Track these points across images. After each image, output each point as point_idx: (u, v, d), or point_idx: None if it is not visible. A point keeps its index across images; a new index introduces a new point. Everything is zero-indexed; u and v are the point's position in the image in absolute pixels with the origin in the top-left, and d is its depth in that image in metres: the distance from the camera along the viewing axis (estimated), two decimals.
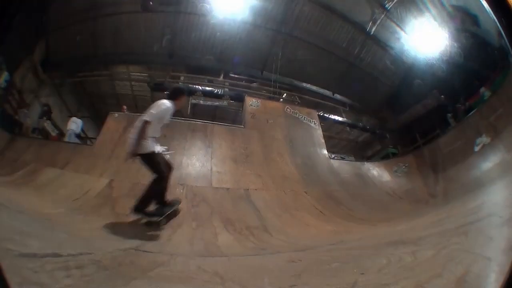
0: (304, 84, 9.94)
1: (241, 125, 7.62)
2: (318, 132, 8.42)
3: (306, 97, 9.57)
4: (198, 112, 8.39)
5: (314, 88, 10.11)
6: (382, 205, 6.72)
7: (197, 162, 5.86)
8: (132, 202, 3.83)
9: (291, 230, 4.51)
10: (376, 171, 8.44)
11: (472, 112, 8.69)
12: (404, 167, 8.35)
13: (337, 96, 10.29)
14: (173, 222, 3.98)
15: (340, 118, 10.19)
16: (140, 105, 8.14)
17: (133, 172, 4.92)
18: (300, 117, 8.39)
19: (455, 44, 10.49)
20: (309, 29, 9.34)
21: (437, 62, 10.56)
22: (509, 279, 1.02)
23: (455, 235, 2.55)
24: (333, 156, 8.77)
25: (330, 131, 9.95)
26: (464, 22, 10.74)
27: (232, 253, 3.23)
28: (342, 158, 9.39)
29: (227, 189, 5.48)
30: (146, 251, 2.89)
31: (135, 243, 3.11)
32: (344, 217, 5.48)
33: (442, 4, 10.75)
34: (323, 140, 8.28)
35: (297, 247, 3.55)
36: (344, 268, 2.44)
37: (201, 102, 8.58)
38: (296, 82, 9.85)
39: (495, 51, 10.59)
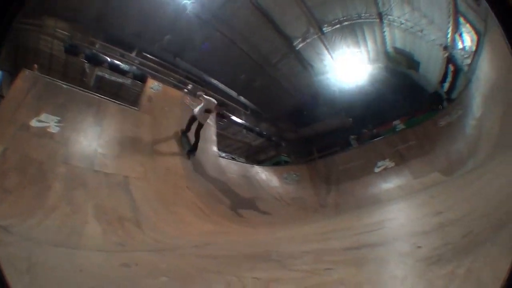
0: (213, 80, 10.83)
1: (136, 107, 7.89)
2: (212, 129, 9.05)
3: (211, 93, 10.14)
4: (103, 87, 8.85)
5: (221, 86, 11.05)
6: (268, 208, 7.39)
7: (84, 141, 6.08)
8: (19, 176, 4.40)
9: (164, 226, 4.84)
10: (265, 175, 9.25)
11: (378, 138, 10.53)
12: (295, 175, 9.46)
13: (242, 98, 11.45)
14: (48, 205, 4.26)
15: (239, 120, 11.22)
16: (54, 68, 8.42)
17: (26, 142, 5.20)
18: None
19: (382, 79, 12.84)
20: (238, 29, 10.40)
21: (355, 88, 12.66)
22: (509, 279, 1.14)
23: (341, 262, 2.32)
24: (223, 155, 9.46)
25: (226, 131, 10.86)
26: (401, 63, 13.40)
27: (86, 246, 3.52)
28: (233, 159, 10.06)
29: (107, 174, 5.65)
30: (7, 231, 3.13)
31: (4, 222, 3.35)
32: (225, 216, 6.01)
33: (384, 43, 12.91)
34: (215, 138, 8.99)
35: (158, 246, 3.91)
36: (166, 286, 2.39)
37: (106, 75, 8.94)
38: (206, 76, 10.68)
39: (427, 95, 13.00)
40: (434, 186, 6.34)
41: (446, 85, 12.07)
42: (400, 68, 13.78)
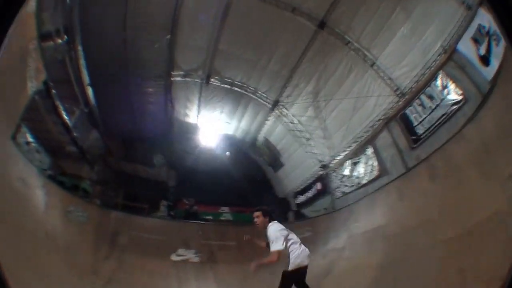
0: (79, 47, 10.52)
1: None
2: None
3: None
4: None
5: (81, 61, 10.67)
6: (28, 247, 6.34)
7: None
8: None
9: None
10: (47, 194, 7.90)
11: (193, 221, 11.15)
12: (81, 214, 8.56)
13: (89, 90, 11.46)
14: None
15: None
16: None
17: None
18: None
19: (233, 159, 14.26)
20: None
21: (200, 153, 13.88)
22: (510, 279, 1.38)
23: None
24: (31, 140, 8.29)
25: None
26: (263, 156, 15.30)
27: None
28: (37, 151, 8.70)
29: None
30: None
31: None
32: None
33: (258, 129, 15.14)
34: None
35: None
36: None
37: None
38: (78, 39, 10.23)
39: (273, 198, 14.66)
40: None
41: (301, 199, 14.12)
42: (260, 160, 15.69)
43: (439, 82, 8.40)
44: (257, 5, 10.73)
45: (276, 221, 7.79)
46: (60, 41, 8.97)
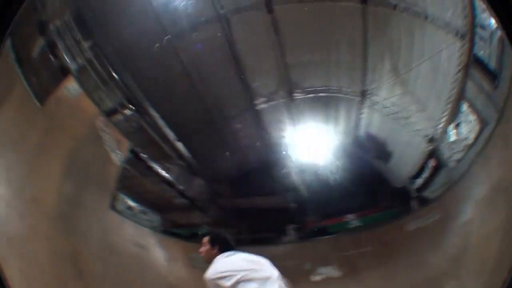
0: (153, 111, 13.73)
1: None
2: None
3: None
4: None
5: (159, 121, 14.25)
6: None
7: None
8: None
9: None
10: (165, 248, 10.42)
11: (325, 236, 13.01)
12: None
13: (179, 145, 14.80)
14: None
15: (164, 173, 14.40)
16: None
17: None
18: None
19: (342, 164, 15.89)
20: (198, 62, 13.59)
21: (309, 169, 15.77)
22: (510, 279, 1.12)
23: None
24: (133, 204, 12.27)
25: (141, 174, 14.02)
26: (369, 151, 16.21)
27: None
28: (143, 213, 12.55)
29: None
30: None
31: None
32: None
33: (357, 126, 15.17)
34: None
35: None
36: None
37: None
38: (146, 103, 13.51)
39: (391, 190, 16.29)
40: None
41: (419, 182, 14.63)
42: (367, 156, 16.50)
43: (478, 9, 8.22)
44: (298, 8, 11.30)
45: (231, 253, 4.22)
46: (129, 112, 9.67)
